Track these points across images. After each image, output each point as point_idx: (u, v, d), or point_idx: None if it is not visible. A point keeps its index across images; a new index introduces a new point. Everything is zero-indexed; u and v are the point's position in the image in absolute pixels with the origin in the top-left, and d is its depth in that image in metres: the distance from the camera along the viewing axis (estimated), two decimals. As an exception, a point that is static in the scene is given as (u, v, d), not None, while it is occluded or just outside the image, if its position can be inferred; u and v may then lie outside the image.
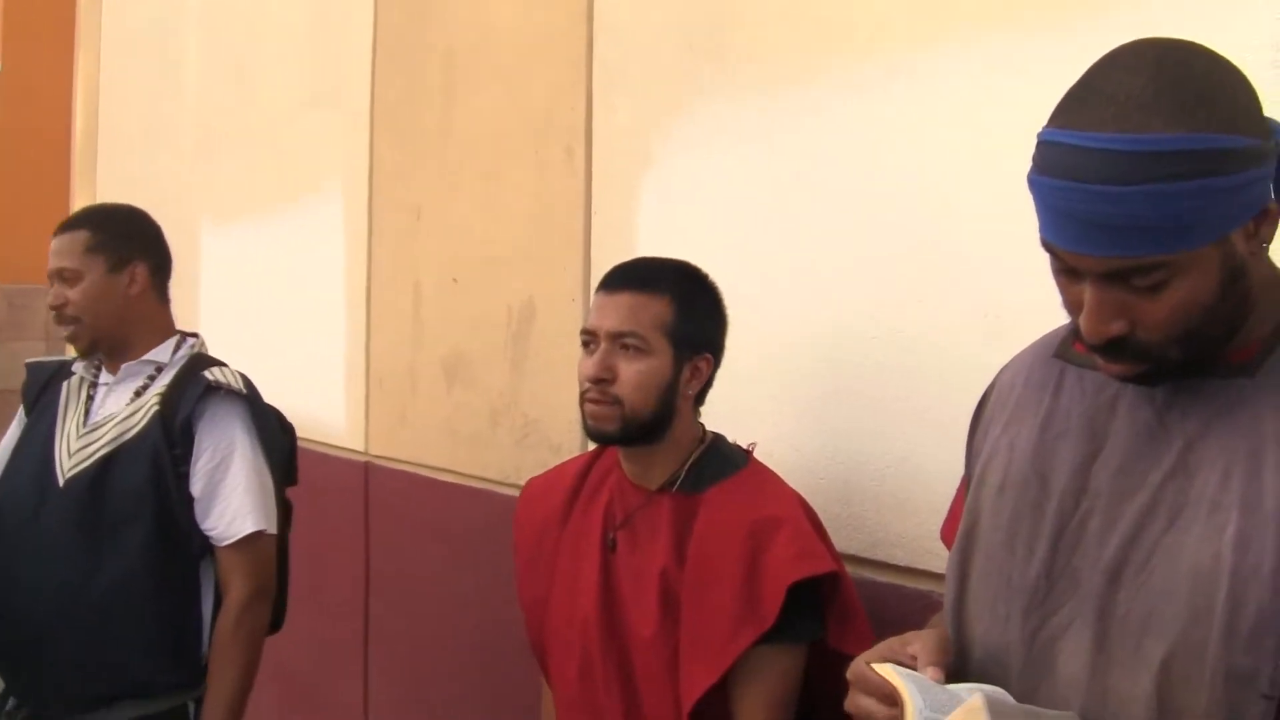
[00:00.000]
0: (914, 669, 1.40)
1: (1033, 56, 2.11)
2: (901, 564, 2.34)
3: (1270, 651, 1.22)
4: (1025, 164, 1.34)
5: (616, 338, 2.20)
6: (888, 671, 1.38)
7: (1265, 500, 1.26)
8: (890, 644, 1.47)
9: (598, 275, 2.45)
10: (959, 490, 1.70)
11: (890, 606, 2.29)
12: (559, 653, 2.35)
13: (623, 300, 2.22)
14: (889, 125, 2.38)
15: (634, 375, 2.20)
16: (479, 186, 3.62)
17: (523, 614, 2.46)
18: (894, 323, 2.37)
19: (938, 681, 1.38)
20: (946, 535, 1.72)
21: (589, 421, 2.23)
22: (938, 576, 2.23)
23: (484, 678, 3.58)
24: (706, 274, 2.34)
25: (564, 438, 3.20)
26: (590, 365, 2.21)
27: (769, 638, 2.10)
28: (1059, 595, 1.40)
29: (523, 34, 3.44)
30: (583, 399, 2.23)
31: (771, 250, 2.64)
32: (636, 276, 2.27)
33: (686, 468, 2.27)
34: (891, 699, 1.37)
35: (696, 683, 2.13)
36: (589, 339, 2.24)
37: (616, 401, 2.19)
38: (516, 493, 3.31)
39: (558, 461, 2.72)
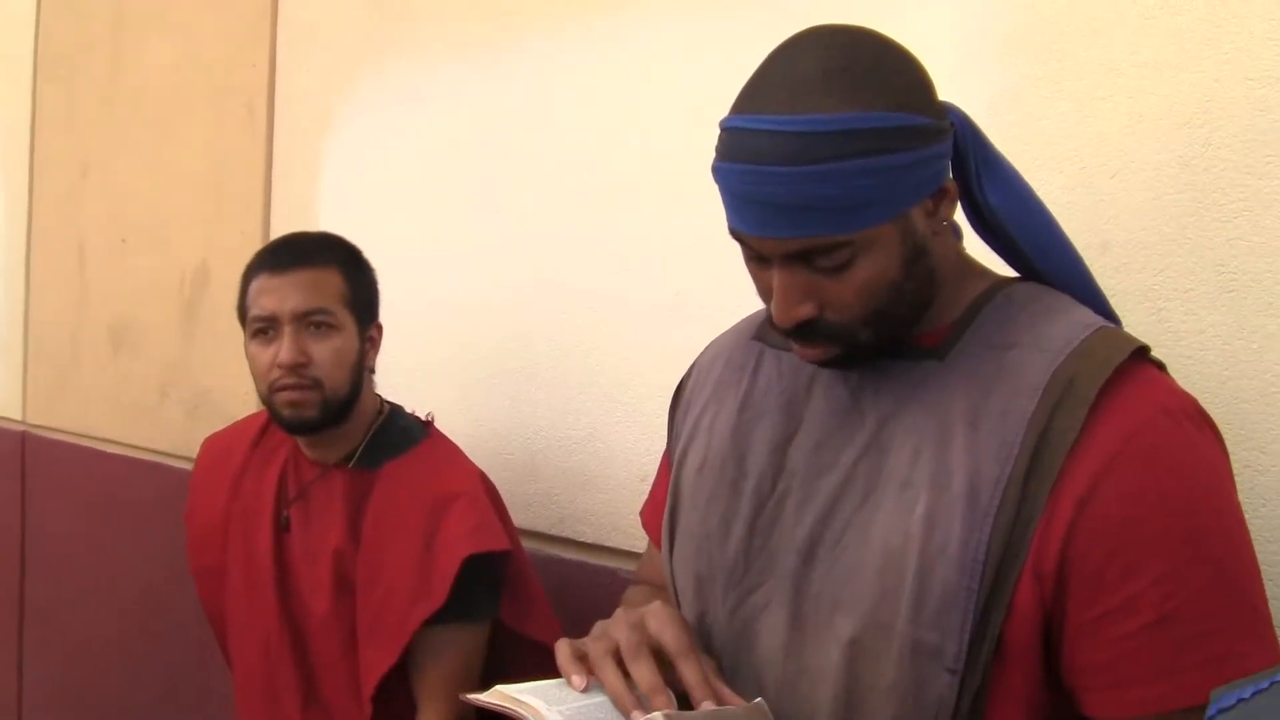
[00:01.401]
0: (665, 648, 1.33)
1: (724, 37, 2.10)
2: (589, 540, 2.33)
3: (955, 627, 1.24)
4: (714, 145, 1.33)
5: (303, 317, 2.08)
6: (499, 697, 1.31)
7: (953, 480, 1.27)
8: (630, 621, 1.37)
9: (278, 239, 2.35)
10: (659, 471, 1.69)
11: (577, 583, 2.29)
12: (239, 631, 2.26)
13: (299, 278, 2.10)
14: (577, 97, 2.35)
15: (329, 354, 2.09)
16: (151, 143, 3.46)
17: (194, 583, 2.34)
18: (581, 298, 2.35)
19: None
20: (646, 517, 1.71)
21: (286, 412, 2.10)
22: (624, 553, 2.24)
23: (153, 661, 3.44)
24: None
25: (239, 408, 3.07)
26: (285, 351, 2.06)
27: (445, 616, 2.05)
28: (756, 574, 1.40)
29: (202, -17, 3.29)
30: (273, 389, 2.09)
31: (455, 219, 2.59)
32: (302, 252, 2.14)
33: (364, 443, 2.19)
34: None
35: (375, 665, 2.07)
36: (265, 325, 2.10)
37: (316, 385, 2.08)
38: (187, 465, 3.19)
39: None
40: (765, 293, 1.35)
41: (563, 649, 1.34)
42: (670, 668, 1.30)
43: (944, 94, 1.33)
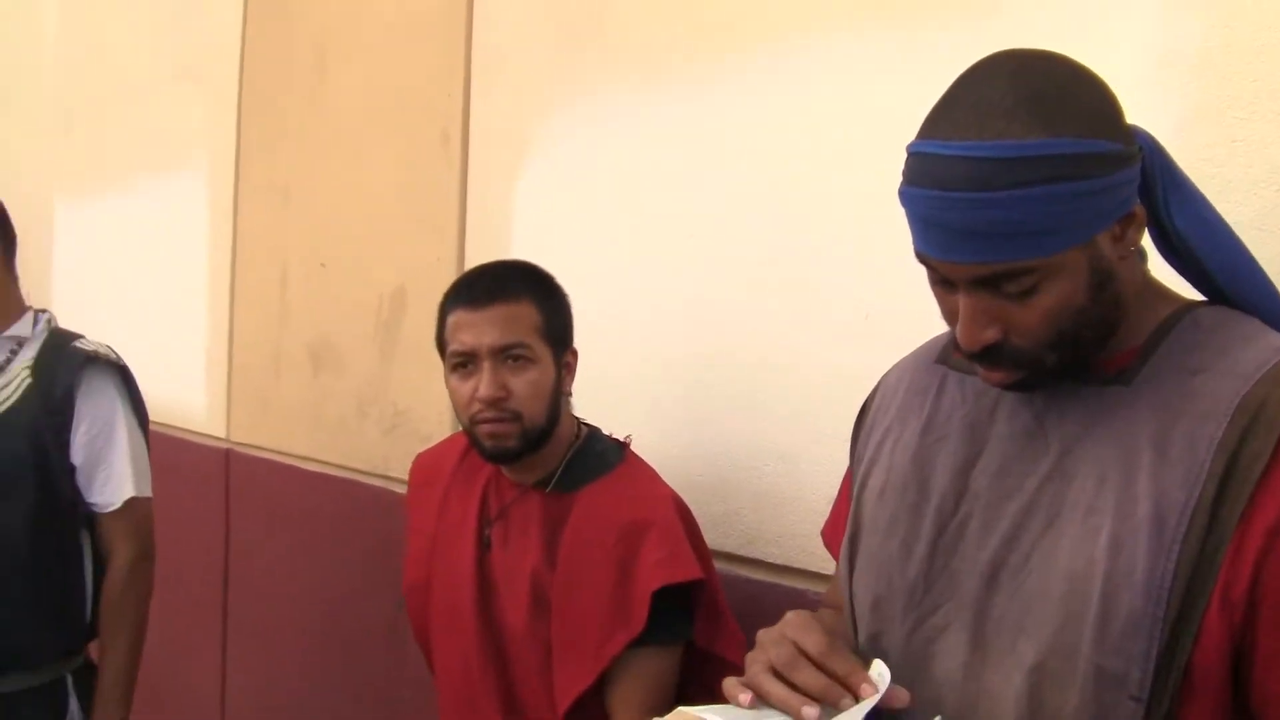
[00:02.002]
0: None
1: (915, 55, 2.11)
2: (777, 562, 2.34)
3: (1139, 655, 1.23)
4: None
5: (500, 352, 2.14)
6: (683, 718, 1.35)
7: (1139, 506, 1.26)
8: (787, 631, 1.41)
9: (473, 265, 2.40)
10: (841, 491, 1.70)
11: (765, 604, 2.28)
12: (442, 645, 2.32)
13: (496, 313, 2.15)
14: (772, 122, 2.36)
15: (527, 386, 2.14)
16: (350, 169, 3.55)
17: (405, 601, 2.42)
18: (773, 321, 2.36)
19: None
20: (827, 536, 1.73)
21: (488, 443, 2.16)
22: (813, 575, 2.24)
23: (344, 672, 3.52)
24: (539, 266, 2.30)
25: (434, 428, 3.15)
26: (485, 386, 2.12)
27: (641, 640, 2.10)
28: (936, 596, 1.41)
29: (399, 15, 3.38)
30: (474, 422, 2.15)
31: (649, 244, 2.62)
32: (497, 286, 2.19)
33: (562, 466, 2.23)
34: None
35: (571, 685, 2.12)
36: (464, 359, 2.16)
37: (516, 417, 2.14)
38: (383, 483, 3.29)
39: (427, 453, 2.66)
40: (950, 316, 1.36)
41: (729, 681, 1.38)
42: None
43: (1134, 113, 1.32)
